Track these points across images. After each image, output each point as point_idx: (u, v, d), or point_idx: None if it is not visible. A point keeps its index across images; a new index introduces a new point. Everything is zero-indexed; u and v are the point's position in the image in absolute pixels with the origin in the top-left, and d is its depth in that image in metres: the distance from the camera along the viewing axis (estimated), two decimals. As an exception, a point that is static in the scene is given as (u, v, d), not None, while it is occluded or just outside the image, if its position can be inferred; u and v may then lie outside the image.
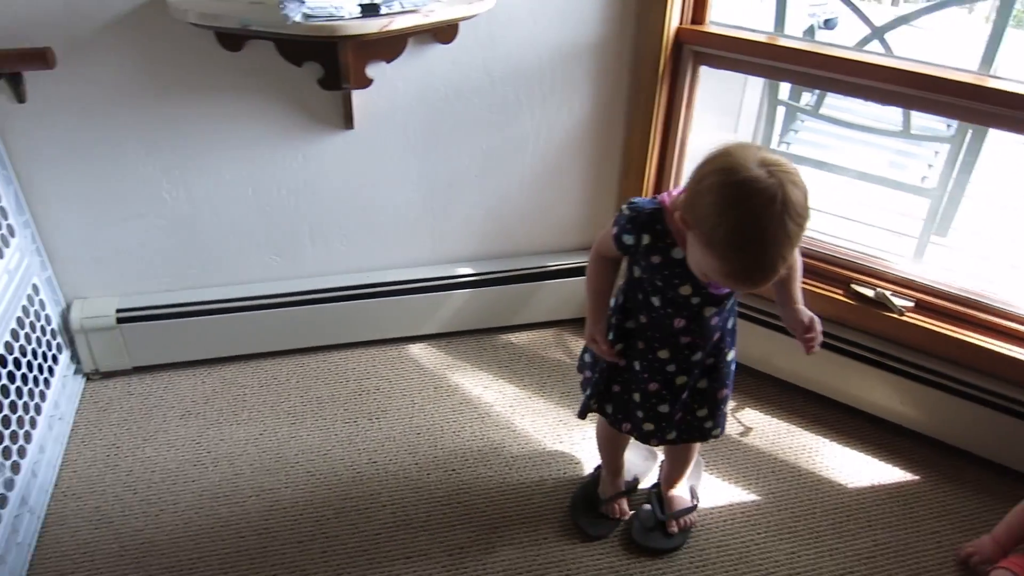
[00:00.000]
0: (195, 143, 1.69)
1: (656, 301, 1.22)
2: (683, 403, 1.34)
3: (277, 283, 1.90)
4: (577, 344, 2.04)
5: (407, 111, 1.76)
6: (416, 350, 2.00)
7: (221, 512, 1.54)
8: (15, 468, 1.49)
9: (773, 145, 2.61)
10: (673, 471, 1.54)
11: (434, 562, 1.45)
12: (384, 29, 1.39)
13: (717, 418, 1.38)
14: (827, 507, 1.59)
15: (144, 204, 1.74)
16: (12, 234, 1.60)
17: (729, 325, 1.31)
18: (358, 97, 1.69)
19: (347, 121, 1.71)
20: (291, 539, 1.49)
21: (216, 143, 1.70)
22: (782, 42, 1.71)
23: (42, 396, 1.67)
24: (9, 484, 1.46)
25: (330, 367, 1.93)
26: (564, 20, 1.73)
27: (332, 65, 1.58)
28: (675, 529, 1.50)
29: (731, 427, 1.78)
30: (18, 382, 1.55)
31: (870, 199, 2.72)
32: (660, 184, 1.98)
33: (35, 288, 1.68)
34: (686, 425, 1.37)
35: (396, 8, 1.40)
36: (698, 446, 1.51)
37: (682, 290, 1.19)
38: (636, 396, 1.33)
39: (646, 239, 1.15)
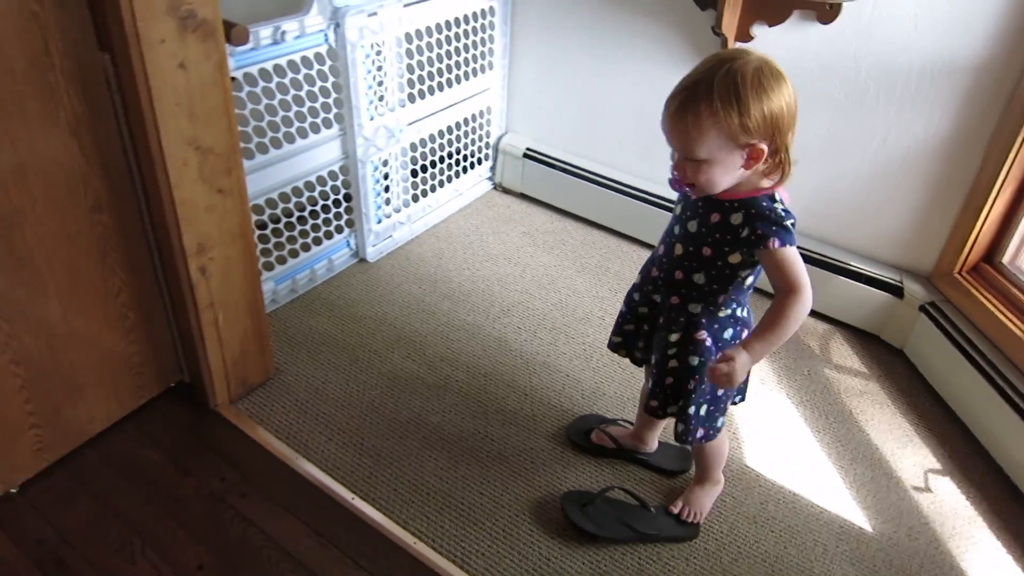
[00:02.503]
0: (614, 48, 2.25)
1: (666, 229, 1.36)
2: (652, 362, 1.40)
3: (624, 174, 2.39)
4: (842, 349, 2.06)
5: (775, 73, 2.01)
6: (704, 280, 2.28)
7: (495, 290, 2.17)
8: (415, 199, 2.35)
9: None
10: (643, 428, 1.64)
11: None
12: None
13: (686, 419, 1.37)
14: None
15: (569, 82, 2.39)
16: (491, 68, 2.42)
17: (690, 308, 1.31)
18: (738, 48, 2.01)
19: (723, 65, 2.05)
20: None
21: (627, 51, 2.22)
22: None
23: (458, 176, 2.51)
24: (406, 203, 2.32)
25: (626, 253, 2.36)
26: (947, 30, 1.74)
27: (720, 14, 1.94)
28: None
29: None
30: (457, 157, 2.40)
31: None
32: (1002, 230, 1.84)
33: (488, 110, 2.50)
34: (660, 406, 1.40)
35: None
36: (705, 458, 1.52)
37: (676, 210, 1.32)
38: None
39: None
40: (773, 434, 1.79)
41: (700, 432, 1.39)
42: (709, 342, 1.32)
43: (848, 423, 1.82)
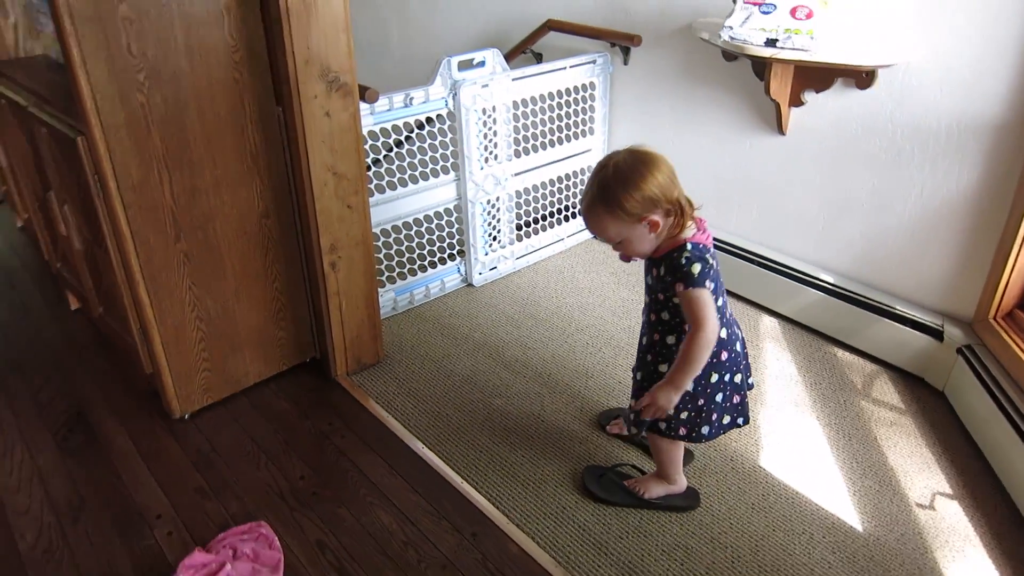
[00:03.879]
0: (690, 112, 2.62)
1: None
2: (640, 377, 1.71)
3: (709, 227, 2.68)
4: (884, 387, 2.21)
5: (823, 134, 2.28)
6: (766, 321, 2.52)
7: (574, 314, 2.55)
8: (519, 239, 2.80)
9: None
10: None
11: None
12: (773, 56, 2.03)
13: (639, 415, 1.63)
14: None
15: (657, 145, 2.75)
16: (592, 132, 2.86)
17: (668, 341, 1.61)
18: (793, 113, 2.31)
19: (780, 128, 2.35)
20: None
21: (701, 117, 2.58)
22: None
23: (560, 224, 2.93)
24: (511, 241, 2.77)
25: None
26: (968, 94, 1.96)
27: (767, 83, 2.26)
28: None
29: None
30: (560, 208, 2.84)
31: None
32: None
33: (589, 168, 2.91)
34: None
35: (788, 46, 2.01)
36: (662, 451, 1.76)
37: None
38: None
39: None
40: (792, 444, 2.00)
41: (682, 430, 1.67)
42: None
43: (869, 445, 1.99)
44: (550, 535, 1.74)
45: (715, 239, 2.63)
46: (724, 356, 1.62)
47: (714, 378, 1.61)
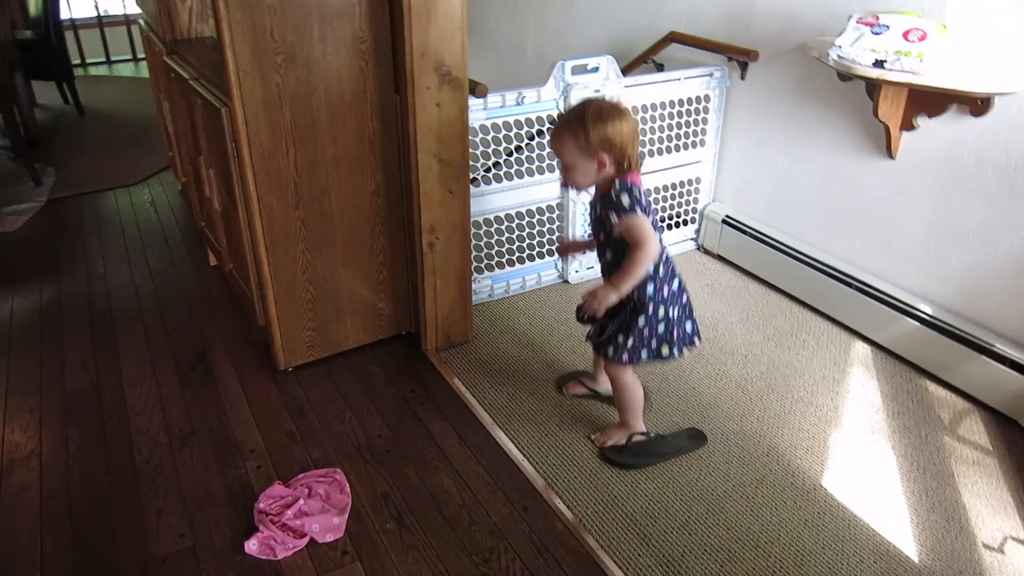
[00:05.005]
0: (802, 129, 2.60)
1: None
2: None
3: (804, 244, 2.68)
4: (973, 426, 2.12)
5: (934, 160, 2.22)
6: (858, 347, 2.46)
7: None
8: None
9: None
10: (599, 372, 2.17)
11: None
12: (880, 77, 2.01)
13: (606, 341, 1.88)
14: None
15: (767, 161, 2.76)
16: (703, 144, 2.89)
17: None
18: (904, 137, 2.26)
19: (890, 152, 2.30)
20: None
21: (812, 135, 2.56)
22: None
23: (665, 231, 2.97)
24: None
25: (794, 315, 2.62)
26: (1091, 131, 1.85)
27: (876, 104, 2.22)
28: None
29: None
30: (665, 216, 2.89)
31: None
32: None
33: (698, 179, 2.96)
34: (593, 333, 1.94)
35: (897, 68, 1.98)
36: (616, 388, 1.97)
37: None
38: None
39: None
40: (860, 469, 1.97)
41: (625, 355, 1.87)
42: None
43: (944, 481, 1.93)
44: (597, 519, 1.81)
45: (816, 259, 2.62)
46: (665, 291, 1.83)
47: (652, 309, 1.83)
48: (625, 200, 1.71)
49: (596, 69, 2.60)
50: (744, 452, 2.02)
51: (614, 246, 1.81)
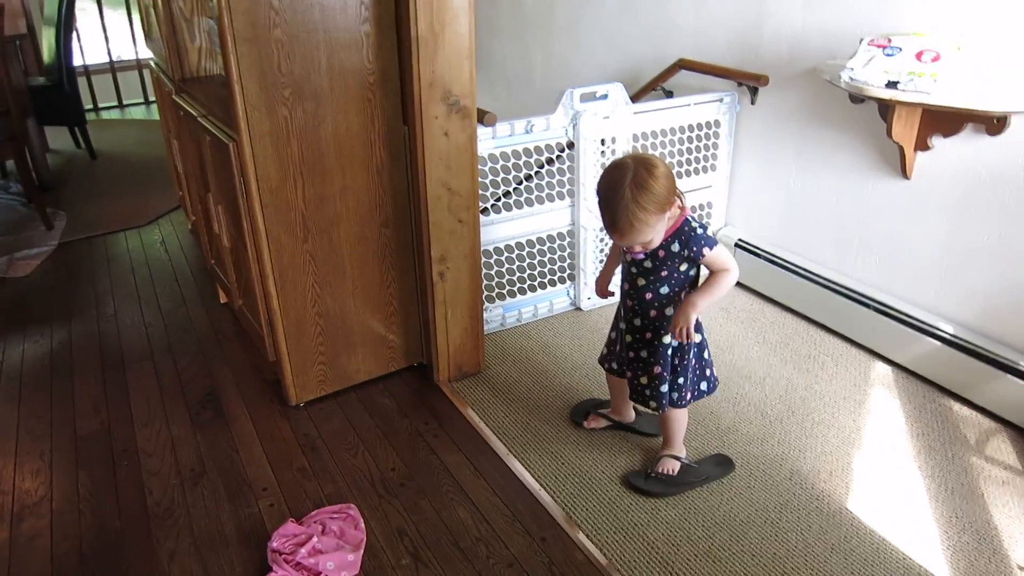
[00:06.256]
0: (815, 152, 2.58)
1: (623, 271, 1.86)
2: (628, 360, 1.91)
3: (818, 266, 2.65)
4: (1001, 445, 2.06)
5: (950, 180, 2.19)
6: (878, 367, 2.41)
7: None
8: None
9: None
10: (620, 403, 2.12)
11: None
12: (894, 98, 1.99)
13: (656, 393, 1.87)
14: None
15: (779, 185, 2.74)
16: (715, 169, 2.88)
17: (667, 312, 1.79)
18: (919, 157, 2.24)
19: (904, 172, 2.27)
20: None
21: (825, 158, 2.54)
22: None
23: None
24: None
25: (811, 336, 2.57)
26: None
27: (890, 125, 2.20)
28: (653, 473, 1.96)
29: None
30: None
31: None
32: None
33: (710, 204, 2.94)
34: (632, 387, 1.94)
35: (911, 88, 1.97)
36: (669, 421, 1.94)
37: (627, 258, 1.81)
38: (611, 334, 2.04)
39: None
40: (886, 492, 1.91)
41: (688, 396, 1.89)
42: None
43: (974, 502, 1.87)
44: (618, 548, 1.76)
45: (831, 280, 2.59)
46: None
47: (698, 338, 1.84)
48: (707, 231, 1.72)
49: (605, 96, 2.60)
50: (766, 476, 1.97)
51: (673, 281, 1.77)
